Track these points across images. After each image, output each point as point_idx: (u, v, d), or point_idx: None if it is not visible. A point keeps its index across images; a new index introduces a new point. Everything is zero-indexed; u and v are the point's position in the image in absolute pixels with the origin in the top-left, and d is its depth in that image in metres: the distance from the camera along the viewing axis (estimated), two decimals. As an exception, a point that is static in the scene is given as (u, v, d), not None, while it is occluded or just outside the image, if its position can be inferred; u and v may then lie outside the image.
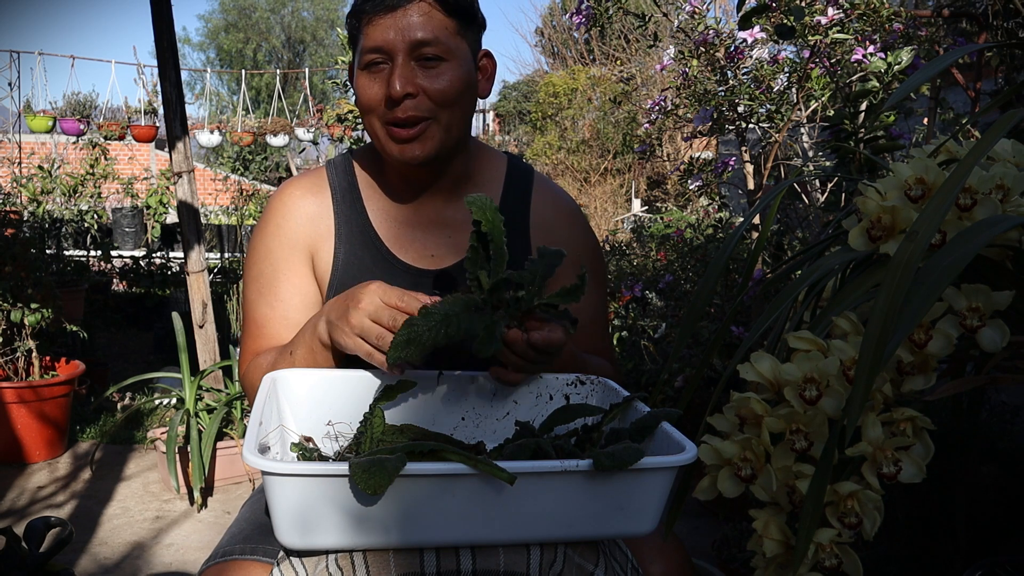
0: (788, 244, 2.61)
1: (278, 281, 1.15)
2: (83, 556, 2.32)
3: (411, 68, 1.05)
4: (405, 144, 1.07)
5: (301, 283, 1.15)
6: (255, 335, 1.15)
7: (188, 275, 3.06)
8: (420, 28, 1.03)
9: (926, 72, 0.80)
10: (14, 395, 3.00)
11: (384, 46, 1.04)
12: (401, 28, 1.03)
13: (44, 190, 5.96)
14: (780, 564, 0.66)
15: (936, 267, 0.53)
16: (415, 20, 1.03)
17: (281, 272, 1.15)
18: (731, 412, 0.67)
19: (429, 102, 1.05)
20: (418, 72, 1.05)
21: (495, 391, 1.03)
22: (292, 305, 1.14)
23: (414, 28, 1.03)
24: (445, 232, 1.17)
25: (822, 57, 2.29)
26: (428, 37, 1.04)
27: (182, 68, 3.14)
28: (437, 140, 1.08)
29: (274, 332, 1.14)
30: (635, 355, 2.96)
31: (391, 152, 1.09)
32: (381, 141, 1.09)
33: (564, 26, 14.14)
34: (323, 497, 0.72)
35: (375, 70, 1.06)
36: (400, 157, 1.08)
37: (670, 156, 8.39)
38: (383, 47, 1.04)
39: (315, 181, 1.19)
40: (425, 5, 1.04)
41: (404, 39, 1.03)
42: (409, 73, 1.04)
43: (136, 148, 11.10)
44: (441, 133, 1.08)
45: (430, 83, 1.05)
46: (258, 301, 1.15)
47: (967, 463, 1.52)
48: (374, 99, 1.06)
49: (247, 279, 1.18)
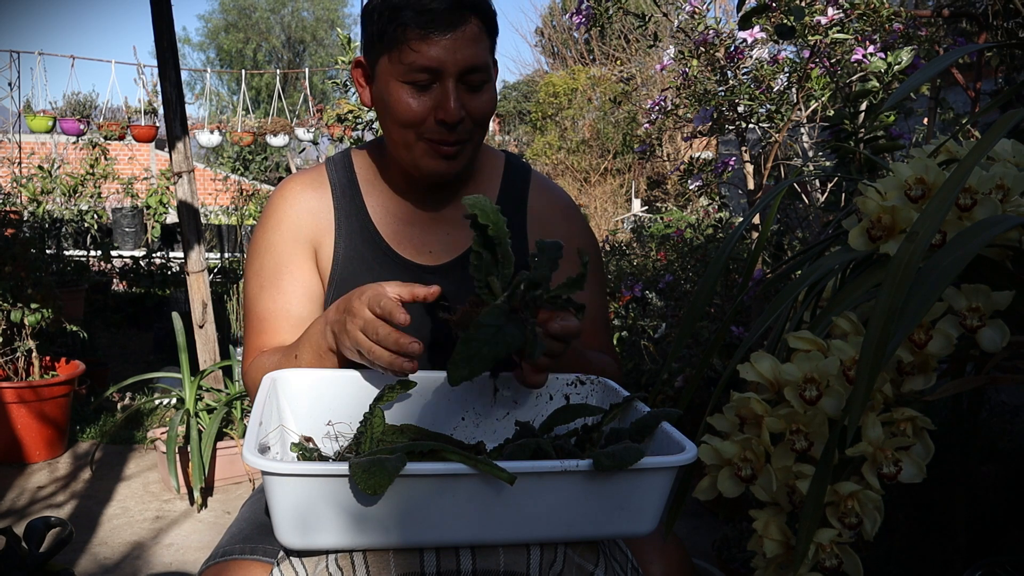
0: (788, 244, 2.61)
1: (280, 275, 1.14)
2: (83, 556, 2.32)
3: (460, 91, 1.05)
4: (444, 160, 1.08)
5: (304, 276, 1.14)
6: (258, 330, 1.14)
7: (188, 275, 3.06)
8: (473, 54, 1.03)
9: (926, 72, 0.80)
10: (14, 395, 3.00)
11: (438, 67, 1.02)
12: (455, 49, 1.01)
13: (44, 190, 5.97)
14: (780, 564, 0.66)
15: (936, 267, 0.53)
16: (468, 43, 1.02)
17: (283, 266, 1.14)
18: (731, 412, 0.67)
19: (471, 124, 1.07)
20: (464, 95, 1.05)
21: (495, 391, 1.03)
22: (295, 298, 1.13)
23: (467, 52, 1.02)
24: (444, 229, 1.17)
25: (822, 57, 2.29)
26: (479, 63, 1.04)
27: (182, 68, 3.14)
28: (467, 158, 1.10)
29: (277, 327, 1.13)
30: (635, 355, 2.96)
31: (425, 166, 1.09)
32: (414, 154, 1.08)
33: (564, 26, 14.14)
34: (323, 497, 0.72)
35: (422, 85, 1.04)
36: (434, 170, 1.09)
37: (670, 156, 8.40)
38: (436, 68, 1.02)
39: (315, 177, 1.19)
40: (475, 27, 1.03)
41: (457, 63, 1.02)
42: (461, 97, 1.04)
43: (136, 148, 11.10)
44: (472, 152, 1.10)
45: (474, 105, 1.06)
46: (260, 295, 1.15)
47: (967, 463, 1.52)
48: (418, 116, 1.04)
49: (248, 275, 1.17)
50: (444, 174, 1.10)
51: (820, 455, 0.59)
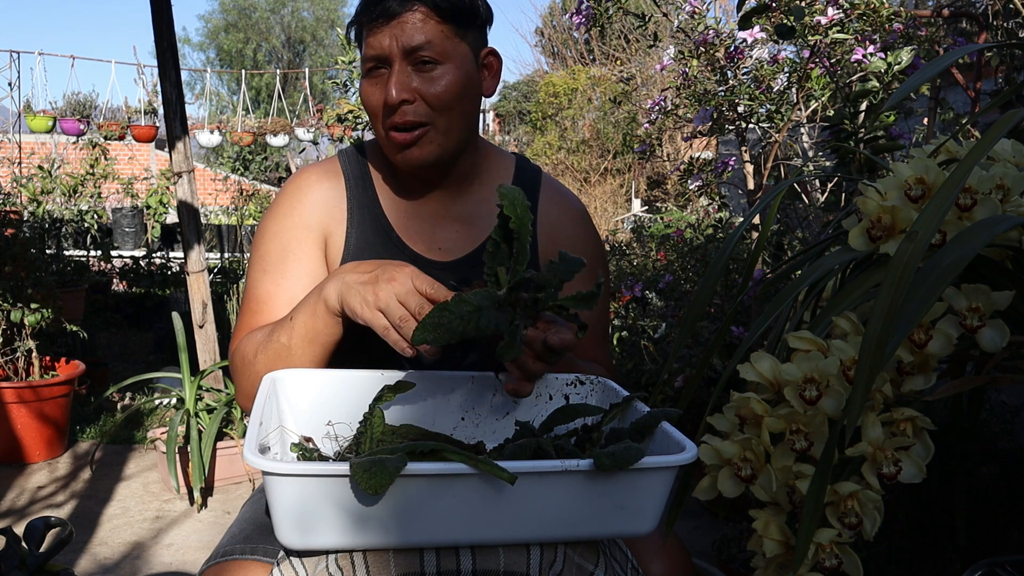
0: (788, 244, 2.61)
1: (287, 260, 1.13)
2: (83, 556, 2.32)
3: (408, 73, 1.06)
4: (405, 149, 1.09)
5: (310, 263, 1.13)
6: (254, 311, 1.12)
7: (188, 275, 3.06)
8: (415, 33, 1.05)
9: (926, 72, 0.80)
10: (14, 395, 3.00)
11: (381, 53, 1.06)
12: (396, 35, 1.05)
13: (44, 190, 5.96)
14: (780, 564, 0.66)
15: (936, 267, 0.53)
16: (410, 26, 1.05)
17: (291, 251, 1.13)
18: (731, 412, 0.67)
19: (426, 107, 1.07)
20: (415, 77, 1.06)
21: (495, 391, 1.03)
22: (300, 284, 1.11)
23: (409, 34, 1.05)
24: (453, 227, 1.18)
25: (822, 57, 2.29)
26: (422, 41, 1.05)
27: (182, 68, 3.14)
28: (436, 145, 1.09)
29: (276, 309, 1.10)
30: (635, 355, 2.96)
31: (393, 157, 1.12)
32: (384, 146, 1.12)
33: (564, 26, 14.14)
34: (323, 497, 0.72)
35: (375, 76, 1.09)
36: (401, 161, 1.11)
37: (670, 156, 8.40)
38: (380, 54, 1.07)
39: (329, 168, 1.20)
40: (420, 13, 1.06)
41: (399, 45, 1.05)
42: (405, 79, 1.06)
43: (136, 148, 11.10)
44: (440, 137, 1.09)
45: (427, 87, 1.06)
46: (262, 278, 1.13)
47: (967, 463, 1.52)
48: (376, 105, 1.09)
49: (252, 260, 1.16)
50: (412, 162, 1.09)
51: (820, 455, 0.59)
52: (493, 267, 0.90)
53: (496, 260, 0.89)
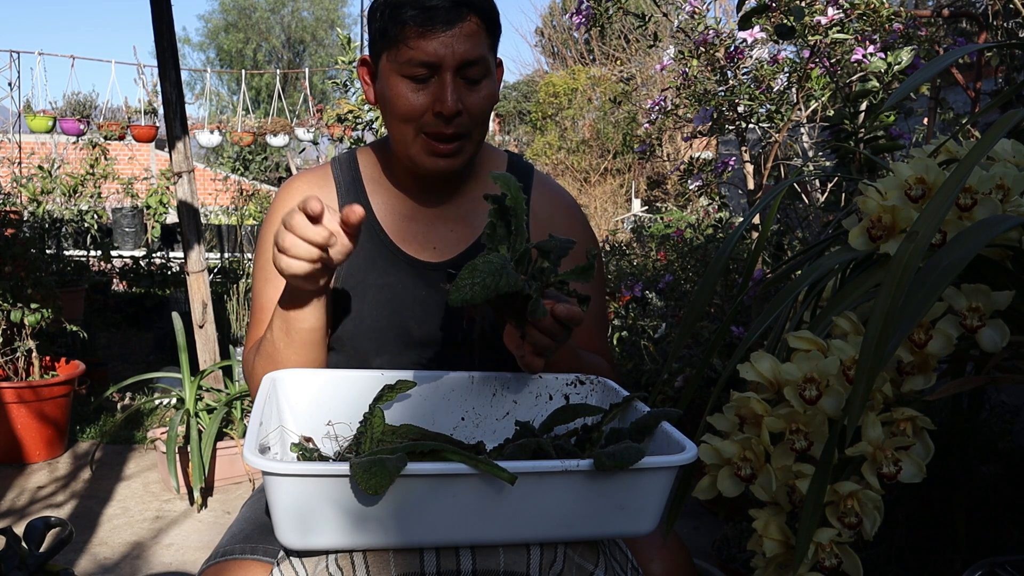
0: (788, 244, 2.61)
1: None
2: (83, 556, 2.32)
3: (459, 85, 1.06)
4: (442, 158, 1.09)
5: None
6: (260, 320, 1.16)
7: (188, 275, 3.06)
8: (472, 48, 1.04)
9: (926, 72, 0.80)
10: (14, 395, 3.00)
11: (434, 60, 1.04)
12: (452, 46, 1.03)
13: (44, 190, 5.96)
14: (780, 564, 0.66)
15: (936, 267, 0.53)
16: (466, 38, 1.04)
17: None
18: (731, 412, 0.67)
19: (469, 119, 1.08)
20: (463, 89, 1.06)
21: (495, 391, 1.03)
22: None
23: (465, 47, 1.04)
24: (447, 226, 1.19)
25: (822, 57, 2.29)
26: (477, 56, 1.05)
27: (182, 68, 3.14)
28: (468, 155, 1.11)
29: None
30: (635, 355, 2.96)
31: (422, 163, 1.10)
32: (411, 150, 1.10)
33: (564, 26, 14.14)
34: (323, 497, 0.72)
35: (418, 79, 1.06)
36: (432, 168, 1.10)
37: (670, 156, 8.40)
38: (431, 61, 1.04)
39: (320, 175, 1.21)
40: (474, 23, 1.05)
41: (455, 57, 1.04)
42: (459, 90, 1.06)
43: (136, 148, 11.10)
44: (472, 148, 1.11)
45: (472, 101, 1.07)
46: (265, 287, 1.17)
47: (967, 463, 1.52)
48: (417, 110, 1.06)
49: (255, 269, 1.20)
50: (444, 171, 1.11)
51: (820, 455, 0.59)
52: (494, 247, 0.90)
53: (495, 240, 0.90)
